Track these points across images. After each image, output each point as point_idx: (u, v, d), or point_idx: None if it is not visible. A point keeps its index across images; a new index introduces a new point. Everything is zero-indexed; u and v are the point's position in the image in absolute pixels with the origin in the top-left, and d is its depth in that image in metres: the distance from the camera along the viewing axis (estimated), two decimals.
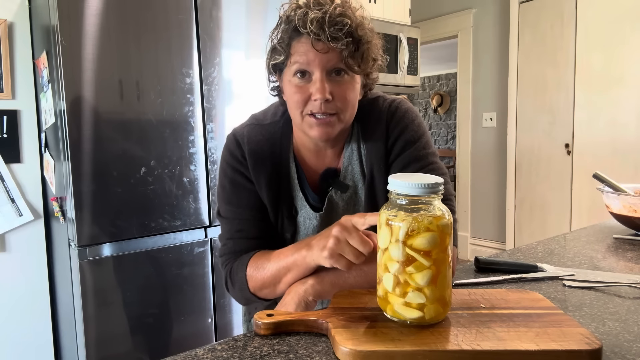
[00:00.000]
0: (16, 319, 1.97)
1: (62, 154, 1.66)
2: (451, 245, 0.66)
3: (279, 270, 0.82)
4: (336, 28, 0.78)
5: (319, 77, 0.81)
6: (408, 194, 0.63)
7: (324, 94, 0.81)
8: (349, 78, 0.84)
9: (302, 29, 0.79)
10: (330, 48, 0.80)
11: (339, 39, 0.79)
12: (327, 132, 0.85)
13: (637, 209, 1.24)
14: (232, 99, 1.93)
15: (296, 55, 0.82)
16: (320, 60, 0.81)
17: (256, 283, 0.86)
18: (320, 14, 0.78)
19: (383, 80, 2.85)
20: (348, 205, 0.95)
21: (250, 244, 0.92)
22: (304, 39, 0.81)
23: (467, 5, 4.12)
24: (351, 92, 0.85)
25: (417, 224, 0.62)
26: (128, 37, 1.68)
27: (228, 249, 0.94)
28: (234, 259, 0.92)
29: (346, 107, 0.85)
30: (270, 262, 0.84)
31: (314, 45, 0.80)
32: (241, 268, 0.89)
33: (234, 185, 0.93)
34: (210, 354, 0.62)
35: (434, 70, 7.68)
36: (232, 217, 0.94)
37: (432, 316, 0.64)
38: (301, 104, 0.84)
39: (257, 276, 0.86)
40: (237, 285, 0.90)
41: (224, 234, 0.95)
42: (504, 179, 3.95)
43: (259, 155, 0.92)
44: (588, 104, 3.35)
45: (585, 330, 0.62)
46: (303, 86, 0.83)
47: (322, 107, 0.82)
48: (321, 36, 0.78)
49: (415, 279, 0.63)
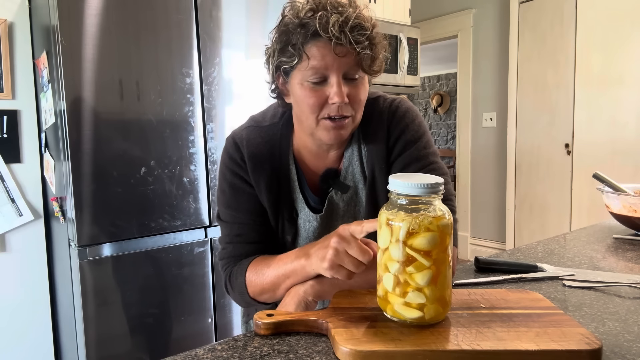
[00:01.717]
0: (16, 319, 1.97)
1: (62, 154, 1.66)
2: (451, 245, 0.66)
3: (277, 277, 0.83)
4: (358, 32, 0.79)
5: (336, 81, 0.81)
6: (408, 194, 0.64)
7: (342, 97, 0.81)
8: (361, 79, 0.85)
9: (324, 32, 0.78)
10: (348, 52, 0.80)
11: (360, 42, 0.79)
12: (341, 134, 0.85)
13: (637, 209, 1.24)
14: (232, 99, 1.93)
15: (313, 59, 0.80)
16: (339, 64, 0.80)
17: (255, 288, 0.87)
18: (342, 18, 0.78)
19: (383, 80, 2.85)
20: (348, 206, 0.95)
21: (250, 249, 0.93)
22: (322, 43, 0.80)
23: (467, 5, 4.12)
24: (364, 93, 0.86)
25: (417, 224, 0.62)
26: (128, 37, 1.68)
27: (227, 252, 0.94)
28: (234, 263, 0.93)
29: (360, 109, 0.86)
30: (270, 269, 0.85)
31: (334, 49, 0.79)
32: (240, 273, 0.89)
33: (233, 189, 0.93)
34: (210, 354, 0.62)
35: (434, 70, 7.68)
36: (231, 221, 0.94)
37: (432, 316, 0.64)
38: (317, 108, 0.83)
39: (256, 281, 0.87)
40: (236, 290, 0.90)
41: (224, 237, 0.96)
42: (504, 179, 3.95)
43: (258, 158, 0.91)
44: (588, 104, 3.35)
45: (585, 330, 0.62)
46: (319, 90, 0.82)
47: (339, 110, 0.82)
48: (343, 40, 0.78)
49: (415, 279, 0.63)
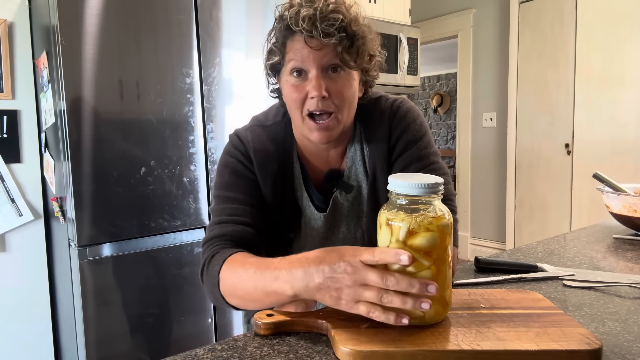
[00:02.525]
0: (16, 319, 1.97)
1: (62, 154, 1.66)
2: (451, 245, 0.66)
3: (255, 289, 0.71)
4: (328, 24, 0.78)
5: (315, 75, 0.81)
6: (408, 194, 0.63)
7: (320, 90, 0.80)
8: (345, 74, 0.84)
9: (295, 26, 0.79)
10: (324, 44, 0.80)
11: (331, 34, 0.78)
12: (327, 135, 0.84)
13: (637, 209, 1.24)
14: (232, 99, 1.93)
15: (291, 54, 0.82)
16: (315, 57, 0.80)
17: (227, 288, 0.77)
18: (311, 11, 0.78)
19: (383, 80, 2.85)
20: (352, 205, 0.95)
21: (238, 229, 0.84)
22: (297, 37, 0.81)
23: (467, 5, 4.12)
24: (348, 88, 0.84)
25: (417, 224, 0.62)
26: (128, 37, 1.68)
27: (213, 233, 0.85)
28: (217, 244, 0.83)
29: (343, 104, 0.84)
30: (247, 273, 0.72)
31: (307, 43, 0.80)
32: (218, 261, 0.79)
33: (235, 175, 0.90)
34: (210, 354, 0.62)
35: (434, 70, 7.68)
36: (224, 202, 0.88)
37: (432, 316, 0.64)
38: (299, 103, 0.83)
39: (230, 280, 0.76)
40: (209, 279, 0.80)
41: (213, 220, 0.88)
42: (504, 179, 3.95)
43: (264, 154, 0.91)
44: (588, 104, 3.35)
45: (585, 330, 0.62)
46: (300, 85, 0.83)
47: (319, 104, 0.81)
48: (314, 33, 0.78)
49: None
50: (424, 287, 0.59)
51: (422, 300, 0.59)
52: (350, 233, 0.96)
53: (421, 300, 0.59)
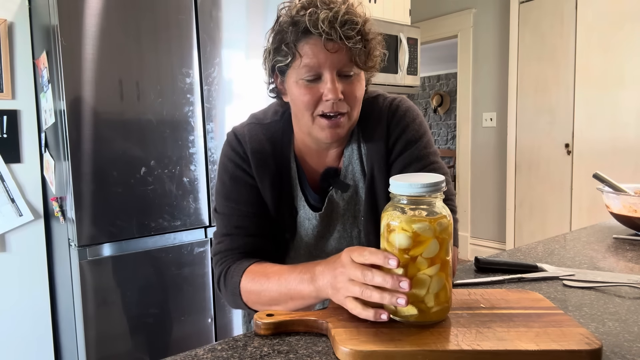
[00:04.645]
0: (16, 319, 1.97)
1: (62, 154, 1.66)
2: (451, 245, 0.66)
3: (280, 295, 0.77)
4: (348, 27, 0.78)
5: (330, 78, 0.81)
6: (409, 194, 0.63)
7: (336, 94, 0.81)
8: (356, 76, 0.84)
9: (314, 29, 0.78)
10: (340, 47, 0.80)
11: (351, 37, 0.79)
12: (338, 132, 0.85)
13: (637, 209, 1.24)
14: (232, 99, 1.93)
15: (306, 57, 0.81)
16: (332, 60, 0.80)
17: (250, 297, 0.83)
18: (331, 14, 0.78)
19: (383, 80, 2.85)
20: (349, 205, 0.95)
21: (249, 241, 0.90)
22: (313, 40, 0.80)
23: (467, 5, 4.12)
24: (359, 89, 0.85)
25: (416, 234, 0.62)
26: (128, 37, 1.68)
27: (224, 246, 0.90)
28: (231, 257, 0.89)
29: (355, 105, 0.85)
30: (270, 282, 0.79)
31: (325, 45, 0.79)
32: (237, 272, 0.85)
33: (234, 181, 0.92)
34: (210, 354, 0.62)
35: (434, 70, 7.68)
36: (230, 213, 0.91)
37: (436, 312, 0.64)
38: (312, 105, 0.83)
39: (253, 290, 0.82)
40: (229, 289, 0.86)
41: (220, 230, 0.92)
42: (504, 179, 3.95)
43: (262, 154, 0.91)
44: (588, 104, 3.35)
45: (585, 330, 0.62)
46: (313, 87, 0.82)
47: (334, 106, 0.82)
48: (333, 36, 0.78)
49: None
50: (396, 283, 0.61)
51: (398, 295, 0.61)
52: (346, 232, 0.96)
53: (397, 296, 0.61)
